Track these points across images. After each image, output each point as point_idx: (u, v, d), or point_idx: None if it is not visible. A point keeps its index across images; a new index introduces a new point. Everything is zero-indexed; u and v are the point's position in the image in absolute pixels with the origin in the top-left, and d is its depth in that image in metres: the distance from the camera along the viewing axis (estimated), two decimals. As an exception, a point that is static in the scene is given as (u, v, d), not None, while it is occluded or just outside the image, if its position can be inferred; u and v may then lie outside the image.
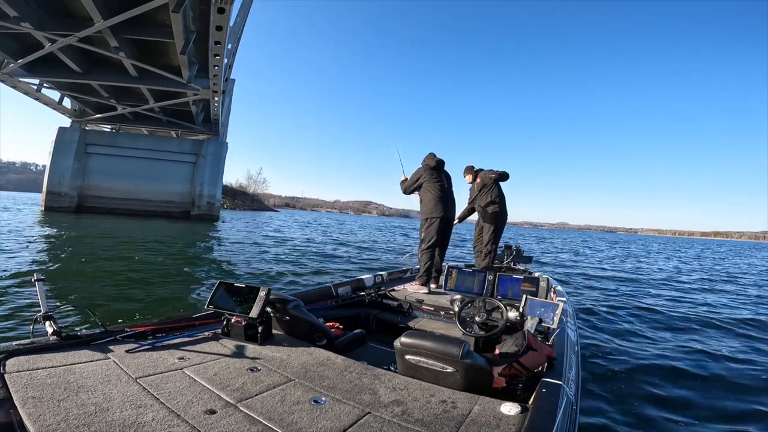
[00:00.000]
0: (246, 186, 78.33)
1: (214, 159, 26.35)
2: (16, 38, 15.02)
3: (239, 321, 1.96)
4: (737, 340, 4.92)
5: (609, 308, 6.30)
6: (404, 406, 1.41)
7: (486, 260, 4.86)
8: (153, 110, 22.52)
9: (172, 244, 11.81)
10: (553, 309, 2.36)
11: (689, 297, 8.32)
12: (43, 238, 11.13)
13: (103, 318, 1.84)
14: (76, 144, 24.11)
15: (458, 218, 4.94)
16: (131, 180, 24.80)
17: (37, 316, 1.66)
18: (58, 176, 23.73)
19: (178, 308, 4.96)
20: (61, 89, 21.23)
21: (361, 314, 3.26)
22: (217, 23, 13.26)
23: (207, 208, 25.85)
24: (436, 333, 1.92)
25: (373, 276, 3.94)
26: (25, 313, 4.08)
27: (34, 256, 8.06)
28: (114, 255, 8.84)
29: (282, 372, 1.64)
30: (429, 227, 4.25)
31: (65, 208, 23.50)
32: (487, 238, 4.90)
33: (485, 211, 4.92)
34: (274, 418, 1.26)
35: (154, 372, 1.50)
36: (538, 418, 1.30)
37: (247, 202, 69.29)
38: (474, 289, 3.09)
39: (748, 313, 6.63)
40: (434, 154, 4.44)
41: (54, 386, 1.28)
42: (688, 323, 5.65)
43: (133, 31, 14.31)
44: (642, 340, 4.67)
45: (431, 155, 4.44)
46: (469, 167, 5.31)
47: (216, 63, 16.08)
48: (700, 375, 3.60)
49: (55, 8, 13.57)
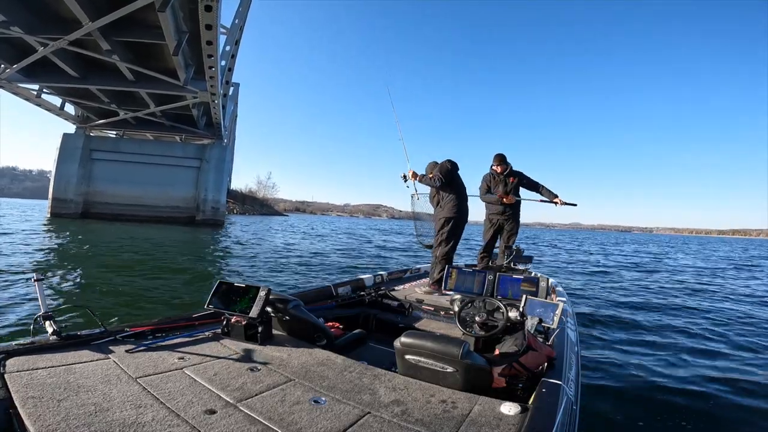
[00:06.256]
0: (256, 191, 79.44)
1: (218, 163, 26.50)
2: (10, 43, 15.12)
3: (239, 321, 1.97)
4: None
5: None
6: (404, 406, 1.41)
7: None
8: (155, 115, 22.67)
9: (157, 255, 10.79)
10: (553, 309, 2.35)
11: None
12: (46, 243, 11.23)
13: (103, 318, 1.85)
14: (81, 150, 24.37)
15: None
16: (136, 185, 25.00)
17: (37, 316, 1.67)
18: (63, 182, 23.98)
19: (177, 309, 4.99)
20: (60, 95, 21.44)
21: (361, 314, 3.25)
22: (206, 22, 13.23)
23: (212, 213, 25.97)
24: (436, 333, 1.91)
25: (373, 276, 3.94)
26: (25, 313, 4.12)
27: (35, 257, 8.14)
28: (114, 258, 8.92)
29: (282, 372, 1.64)
30: (455, 228, 4.07)
31: (71, 214, 23.72)
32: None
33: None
34: (274, 418, 1.26)
35: (154, 372, 1.51)
36: (538, 418, 1.29)
37: (256, 207, 69.75)
38: (474, 289, 3.08)
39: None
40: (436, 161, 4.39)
41: (54, 386, 1.29)
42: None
43: (124, 32, 14.33)
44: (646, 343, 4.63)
45: (434, 162, 4.39)
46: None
47: (211, 64, 16.06)
48: (704, 375, 3.56)
49: (44, 11, 13.59)
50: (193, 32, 14.55)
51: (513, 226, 4.84)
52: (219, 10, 13.17)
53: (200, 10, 12.65)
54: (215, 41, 14.54)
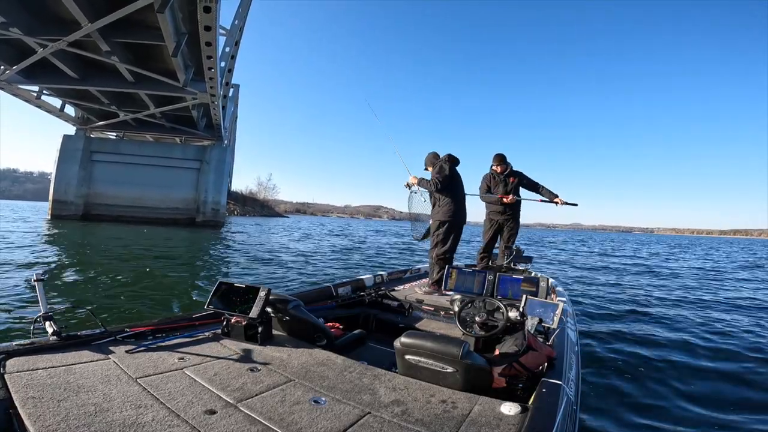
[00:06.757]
0: (256, 192, 79.40)
1: (218, 165, 26.48)
2: (10, 44, 15.14)
3: (239, 321, 1.97)
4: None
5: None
6: (404, 406, 1.41)
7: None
8: (155, 116, 22.69)
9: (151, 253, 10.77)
10: (553, 309, 2.35)
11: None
12: (46, 244, 11.23)
13: (103, 318, 1.85)
14: (81, 152, 24.34)
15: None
16: (136, 187, 24.97)
17: (37, 316, 1.67)
18: (63, 184, 23.95)
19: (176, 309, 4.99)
20: (60, 96, 21.44)
21: (361, 314, 3.25)
22: (205, 23, 13.24)
23: (212, 215, 25.95)
24: (436, 333, 1.91)
25: (373, 276, 3.94)
26: (25, 313, 4.12)
27: (35, 258, 8.15)
28: (114, 259, 8.93)
29: (282, 372, 1.64)
30: (450, 231, 4.01)
31: (72, 216, 23.68)
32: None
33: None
34: (274, 418, 1.26)
35: (154, 372, 1.51)
36: (538, 418, 1.29)
37: (257, 208, 69.72)
38: (474, 289, 3.08)
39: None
40: (436, 152, 4.24)
41: (54, 386, 1.29)
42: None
43: (123, 34, 14.33)
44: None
45: (435, 154, 4.24)
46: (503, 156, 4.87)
47: (210, 65, 16.06)
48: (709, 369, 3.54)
49: (43, 13, 13.61)
50: (193, 33, 14.53)
51: (513, 226, 4.83)
52: (218, 12, 13.18)
53: (199, 11, 12.65)
54: (214, 42, 14.53)
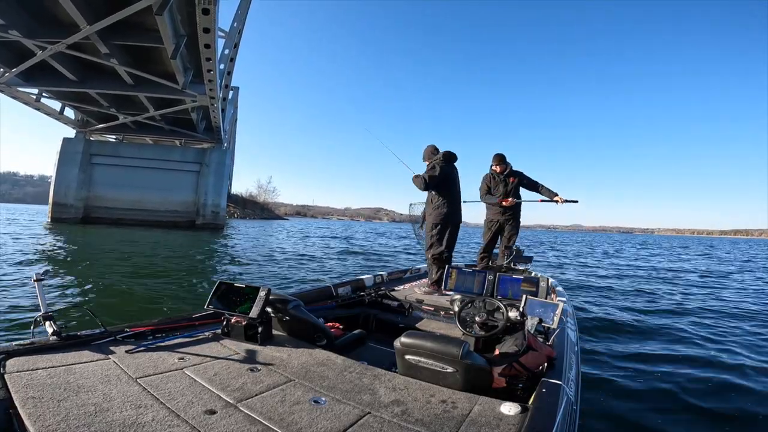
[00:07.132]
0: (256, 195, 79.38)
1: (218, 167, 26.51)
2: (9, 47, 15.19)
3: (239, 321, 1.97)
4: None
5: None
6: (404, 406, 1.41)
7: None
8: (154, 119, 22.77)
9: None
10: (553, 309, 2.35)
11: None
12: (46, 246, 11.23)
13: (103, 318, 1.85)
14: (81, 154, 24.37)
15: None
16: (136, 190, 25.01)
17: (37, 316, 1.67)
18: (63, 187, 23.96)
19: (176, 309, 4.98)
20: (59, 98, 21.49)
21: (361, 314, 3.25)
22: (204, 25, 13.28)
23: (212, 217, 25.97)
24: (436, 333, 1.91)
25: (373, 276, 3.94)
26: (25, 313, 4.11)
27: (35, 259, 8.15)
28: (114, 260, 8.92)
29: (282, 372, 1.64)
30: (443, 232, 3.95)
31: (71, 219, 23.70)
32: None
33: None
34: (274, 418, 1.26)
35: (154, 372, 1.51)
36: (538, 418, 1.29)
37: (257, 211, 69.77)
38: (474, 289, 3.08)
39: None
40: (435, 146, 4.15)
41: (54, 386, 1.29)
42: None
43: (122, 36, 14.39)
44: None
45: (433, 147, 4.15)
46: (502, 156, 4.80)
47: (209, 67, 16.09)
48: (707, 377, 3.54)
49: (42, 15, 13.66)
50: (191, 36, 14.58)
51: (513, 226, 4.84)
52: (217, 14, 13.22)
53: (198, 13, 12.69)
54: (213, 44, 14.57)
